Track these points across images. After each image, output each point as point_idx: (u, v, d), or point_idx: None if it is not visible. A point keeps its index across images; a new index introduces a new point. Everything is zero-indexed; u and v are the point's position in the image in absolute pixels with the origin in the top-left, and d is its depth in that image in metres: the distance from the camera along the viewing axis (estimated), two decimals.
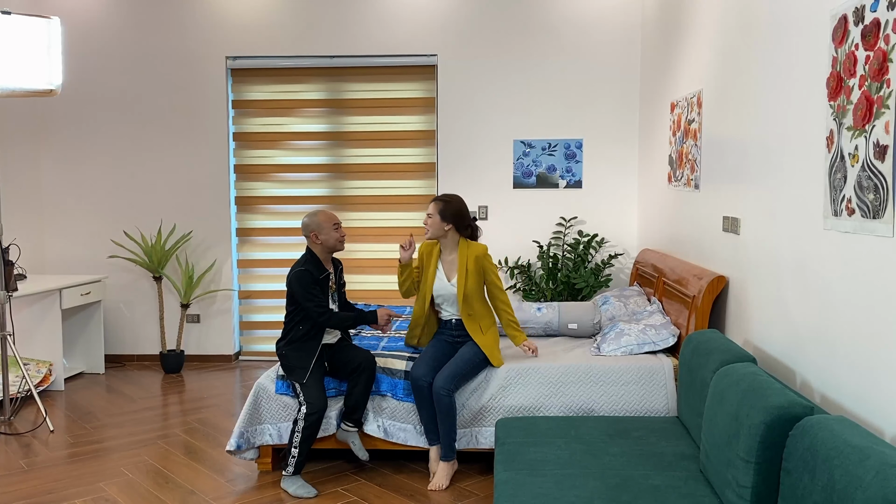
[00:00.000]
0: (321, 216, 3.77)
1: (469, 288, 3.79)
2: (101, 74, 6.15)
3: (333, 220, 3.77)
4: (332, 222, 3.76)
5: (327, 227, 3.75)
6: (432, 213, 3.82)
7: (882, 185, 2.20)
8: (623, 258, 6.01)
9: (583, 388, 3.78)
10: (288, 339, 3.75)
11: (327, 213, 3.79)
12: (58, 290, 5.35)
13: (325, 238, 3.75)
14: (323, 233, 3.75)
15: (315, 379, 3.68)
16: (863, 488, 1.70)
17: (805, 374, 2.78)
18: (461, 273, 3.80)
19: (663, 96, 5.12)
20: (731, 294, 3.68)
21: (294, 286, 3.68)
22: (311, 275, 3.69)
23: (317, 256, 3.77)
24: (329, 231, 3.75)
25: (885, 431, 2.23)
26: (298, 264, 3.73)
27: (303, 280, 3.66)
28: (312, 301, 3.65)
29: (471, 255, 3.81)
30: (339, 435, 3.84)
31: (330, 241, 3.76)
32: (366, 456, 3.79)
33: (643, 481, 2.66)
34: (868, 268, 2.32)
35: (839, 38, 2.50)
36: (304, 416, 3.58)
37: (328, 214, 3.77)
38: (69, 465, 4.00)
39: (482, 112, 6.01)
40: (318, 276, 3.72)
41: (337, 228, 3.77)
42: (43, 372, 5.28)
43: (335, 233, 3.76)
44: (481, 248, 3.84)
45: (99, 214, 6.24)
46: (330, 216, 3.77)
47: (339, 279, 3.90)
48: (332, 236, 3.76)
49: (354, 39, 6.01)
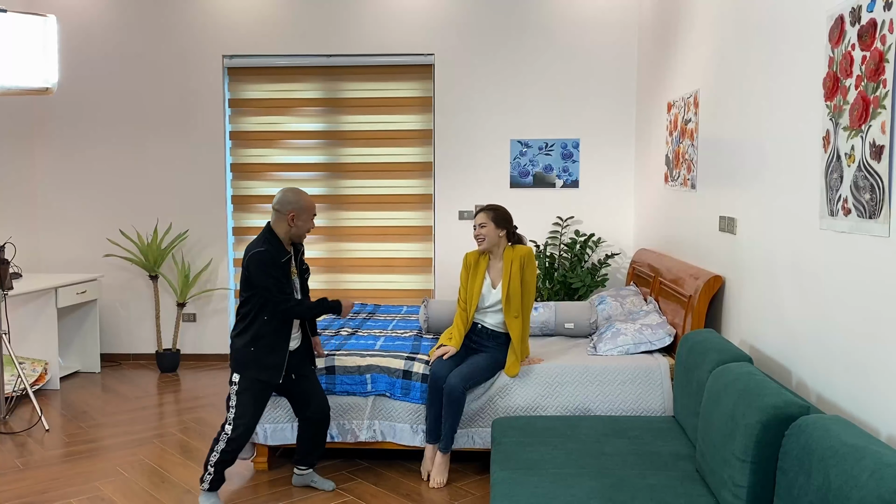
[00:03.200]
0: (306, 199, 3.41)
1: (513, 291, 3.79)
2: (97, 73, 6.13)
3: (314, 209, 3.46)
4: (312, 211, 3.44)
5: (307, 215, 3.42)
6: (485, 222, 3.80)
7: (878, 185, 2.21)
8: (619, 258, 6.01)
9: (579, 387, 3.79)
10: (253, 333, 3.32)
11: (310, 198, 3.45)
12: (53, 289, 5.34)
13: (300, 224, 3.39)
14: (301, 218, 3.39)
15: (260, 396, 3.36)
16: (858, 488, 1.70)
17: (801, 374, 2.79)
18: (505, 277, 3.81)
19: (660, 96, 5.13)
20: (727, 294, 3.68)
21: (253, 269, 3.26)
22: (273, 257, 3.29)
23: (277, 238, 3.37)
24: (307, 219, 3.42)
25: (881, 431, 2.23)
26: (257, 244, 3.32)
27: (265, 262, 3.25)
28: (276, 286, 3.26)
29: (516, 257, 3.81)
30: (294, 481, 3.66)
31: (303, 229, 3.41)
32: (332, 486, 3.64)
33: (639, 481, 2.66)
34: (864, 268, 2.33)
35: (836, 39, 2.50)
36: (228, 438, 3.31)
37: (311, 201, 3.45)
38: (65, 465, 3.99)
39: (479, 111, 6.01)
40: (279, 258, 3.33)
41: (313, 219, 3.46)
42: (38, 371, 5.27)
43: (311, 222, 3.44)
44: (526, 249, 3.85)
45: (95, 213, 6.22)
46: (312, 203, 3.45)
47: (301, 263, 3.57)
48: (307, 225, 3.42)
49: (351, 38, 6.00)
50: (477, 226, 3.83)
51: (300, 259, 3.56)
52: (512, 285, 3.79)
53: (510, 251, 3.85)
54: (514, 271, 3.80)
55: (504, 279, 3.81)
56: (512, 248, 3.86)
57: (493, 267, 3.89)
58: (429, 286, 6.18)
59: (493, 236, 3.82)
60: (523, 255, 3.82)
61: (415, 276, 6.20)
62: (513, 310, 3.79)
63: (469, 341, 3.93)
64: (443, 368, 3.73)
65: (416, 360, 3.89)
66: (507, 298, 3.79)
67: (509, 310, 3.79)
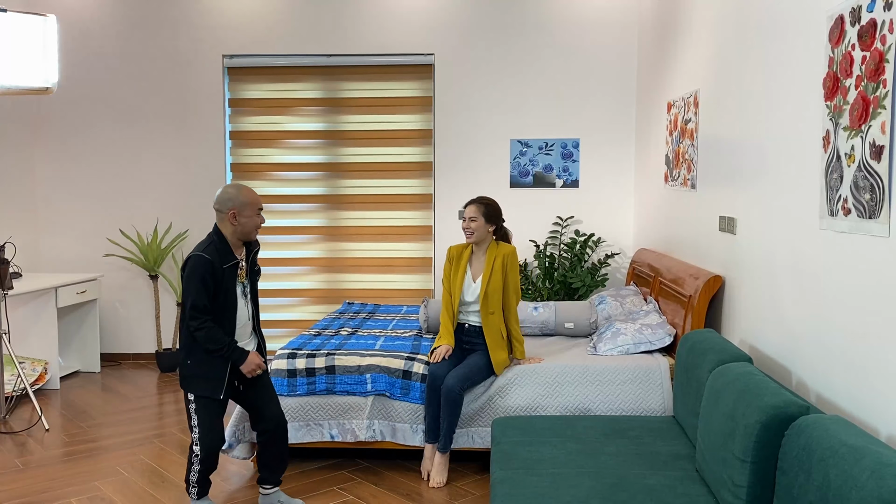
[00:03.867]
0: (246, 193, 3.14)
1: (492, 287, 3.79)
2: (97, 72, 6.13)
3: (258, 202, 3.18)
4: (257, 205, 3.17)
5: (250, 210, 3.15)
6: (475, 216, 3.80)
7: (878, 185, 2.21)
8: (619, 258, 6.01)
9: (579, 387, 3.78)
10: (187, 345, 3.15)
11: (252, 192, 3.17)
12: (53, 289, 5.34)
13: (244, 221, 3.13)
14: (244, 214, 3.14)
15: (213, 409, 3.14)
16: (858, 488, 1.70)
17: (801, 374, 2.79)
18: (486, 271, 3.81)
19: (660, 96, 5.13)
20: (727, 294, 3.68)
21: (184, 275, 3.08)
22: (210, 265, 3.04)
23: (225, 240, 3.14)
24: (251, 215, 3.15)
25: (881, 431, 2.23)
26: (198, 248, 3.09)
27: (195, 270, 3.03)
28: (195, 297, 3.03)
29: (499, 255, 3.82)
30: (261, 501, 3.38)
31: (248, 226, 3.15)
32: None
33: (639, 481, 2.66)
34: (864, 268, 2.33)
35: (836, 39, 2.50)
36: (199, 459, 3.12)
37: (253, 194, 3.17)
38: (64, 464, 3.99)
39: (479, 111, 6.01)
40: (220, 265, 3.08)
41: (259, 213, 3.18)
42: (38, 370, 5.27)
43: (257, 218, 3.17)
44: (510, 248, 3.85)
45: (95, 213, 6.22)
46: (255, 197, 3.17)
47: (253, 264, 3.29)
48: (254, 221, 3.16)
49: (351, 38, 6.00)
50: (467, 218, 3.82)
51: (252, 259, 3.29)
52: (492, 281, 3.79)
53: (494, 247, 3.85)
54: (496, 268, 3.80)
55: (485, 274, 3.81)
56: (497, 244, 3.86)
57: (476, 261, 3.90)
58: (428, 286, 6.18)
59: (482, 231, 3.82)
60: (506, 255, 3.82)
61: (414, 275, 6.20)
62: (490, 305, 3.79)
63: (462, 343, 3.94)
64: (440, 368, 3.74)
65: (416, 360, 3.89)
66: (486, 294, 3.79)
67: (486, 305, 3.80)
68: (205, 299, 3.05)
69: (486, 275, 3.81)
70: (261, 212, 3.20)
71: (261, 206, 3.21)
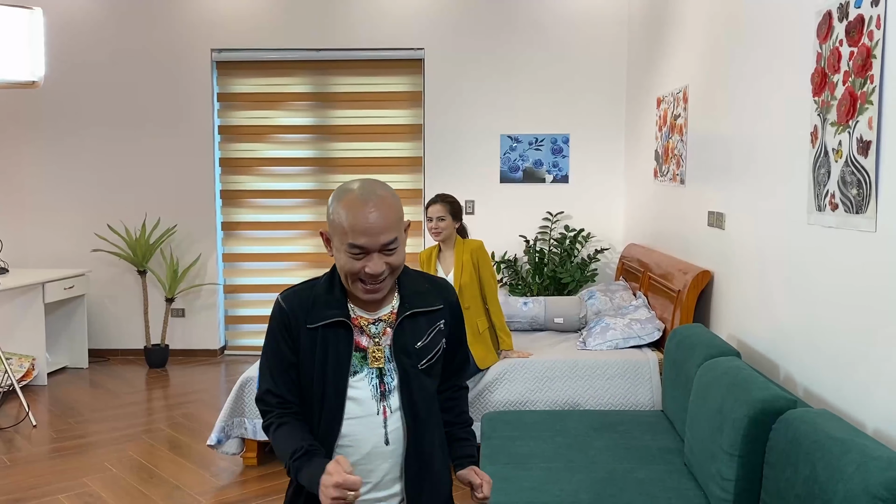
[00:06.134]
0: (347, 203, 1.60)
1: (464, 281, 3.79)
2: (84, 66, 6.08)
3: (361, 226, 1.58)
4: (357, 232, 1.58)
5: (340, 239, 1.61)
6: (444, 215, 3.80)
7: (865, 180, 2.22)
8: (609, 253, 6.03)
9: (568, 382, 3.80)
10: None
11: (357, 202, 1.59)
12: (41, 284, 5.30)
13: (337, 256, 1.65)
14: (334, 243, 1.65)
15: None
16: (844, 481, 1.71)
17: (788, 368, 2.81)
18: (457, 266, 3.82)
19: (649, 92, 5.14)
20: (715, 288, 3.70)
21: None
22: (286, 318, 1.68)
23: (337, 279, 1.71)
24: (341, 249, 1.62)
25: (867, 425, 2.25)
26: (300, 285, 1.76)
27: (271, 321, 1.73)
28: (264, 365, 1.73)
29: (466, 250, 3.82)
30: None
31: (343, 267, 1.63)
32: None
33: (628, 475, 2.67)
34: (851, 262, 2.34)
35: (824, 34, 2.51)
36: None
37: (355, 210, 1.58)
38: (52, 461, 3.97)
39: (469, 106, 6.00)
40: (304, 320, 1.68)
41: (359, 255, 1.60)
42: (25, 367, 5.23)
43: (354, 261, 1.61)
44: (477, 242, 3.86)
45: (82, 208, 6.18)
46: (356, 215, 1.58)
47: (417, 336, 1.71)
48: (350, 265, 1.61)
49: (341, 32, 5.98)
50: (434, 218, 3.82)
51: (413, 327, 1.71)
52: (464, 276, 3.80)
53: (461, 244, 3.87)
54: (466, 262, 3.82)
55: (455, 270, 3.83)
56: (462, 241, 3.88)
57: (445, 258, 3.92)
58: None
59: (450, 229, 3.85)
60: (474, 249, 3.84)
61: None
62: (464, 301, 3.80)
63: None
64: None
65: None
66: (459, 289, 3.80)
67: (462, 300, 3.80)
68: (271, 377, 1.70)
69: (456, 270, 3.82)
70: (373, 253, 1.59)
71: (366, 238, 1.57)
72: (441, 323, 1.75)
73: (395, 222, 1.61)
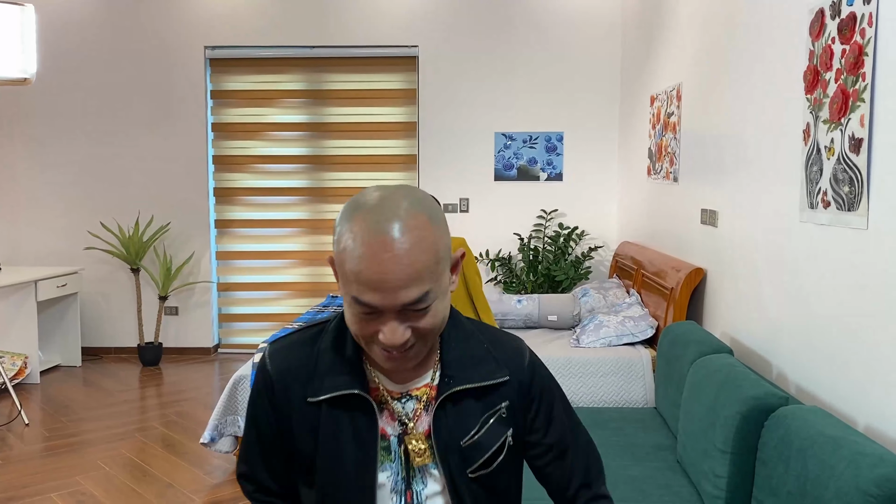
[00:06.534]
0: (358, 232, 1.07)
1: None
2: (76, 63, 6.05)
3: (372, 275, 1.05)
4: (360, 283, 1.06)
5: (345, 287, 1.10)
6: None
7: (857, 177, 2.23)
8: (603, 251, 6.04)
9: (562, 379, 3.80)
10: None
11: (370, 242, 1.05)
12: (33, 282, 5.28)
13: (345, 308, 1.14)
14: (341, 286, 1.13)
15: None
16: (835, 477, 1.72)
17: (781, 365, 2.81)
18: None
19: (643, 89, 5.14)
20: (708, 286, 3.71)
21: None
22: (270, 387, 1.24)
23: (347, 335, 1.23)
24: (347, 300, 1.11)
25: (859, 421, 2.25)
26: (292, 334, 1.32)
27: (254, 382, 1.27)
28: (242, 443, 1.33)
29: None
30: None
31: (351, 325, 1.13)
32: None
33: (621, 472, 2.67)
34: (843, 260, 2.35)
35: (816, 32, 2.51)
36: None
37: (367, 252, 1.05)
38: (45, 459, 3.96)
39: (463, 104, 6.00)
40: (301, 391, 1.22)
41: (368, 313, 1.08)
42: (18, 365, 5.21)
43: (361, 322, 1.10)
44: (459, 240, 3.85)
45: (75, 205, 6.16)
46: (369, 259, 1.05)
47: (465, 426, 1.20)
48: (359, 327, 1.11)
49: (335, 30, 5.97)
50: None
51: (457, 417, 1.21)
52: None
53: None
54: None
55: None
56: None
57: None
58: None
59: None
60: (456, 247, 3.81)
61: None
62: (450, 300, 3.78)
63: None
64: None
65: None
66: None
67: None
68: (248, 458, 1.32)
69: None
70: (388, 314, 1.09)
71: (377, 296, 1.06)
72: (503, 406, 1.19)
73: (428, 268, 1.03)
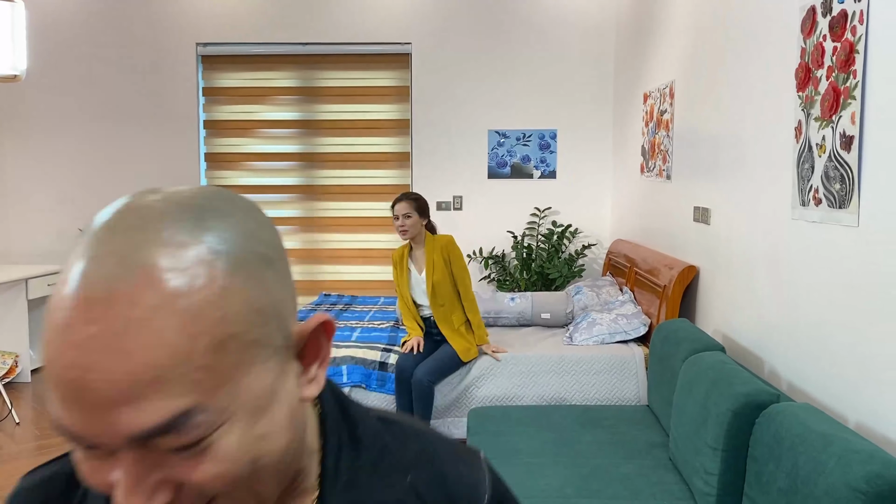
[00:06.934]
0: (50, 302, 0.52)
1: (437, 278, 3.78)
2: (68, 61, 6.02)
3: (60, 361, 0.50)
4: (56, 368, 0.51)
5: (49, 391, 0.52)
6: (410, 212, 3.75)
7: (848, 175, 2.23)
8: (596, 248, 6.04)
9: (555, 377, 3.80)
10: None
11: (63, 310, 0.50)
12: (24, 280, 5.25)
13: None
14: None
15: None
16: (826, 474, 1.72)
17: (772, 363, 2.82)
18: (429, 265, 3.80)
19: (636, 87, 5.14)
20: (701, 284, 3.71)
21: None
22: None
23: None
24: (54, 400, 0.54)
25: (849, 418, 2.26)
26: None
27: None
28: None
29: (436, 247, 3.81)
30: None
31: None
32: None
33: (614, 469, 2.68)
34: (834, 257, 2.35)
35: (807, 30, 2.52)
36: None
37: (58, 328, 0.50)
38: (36, 458, 3.94)
39: (456, 102, 5.99)
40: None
41: (92, 457, 0.54)
42: (8, 363, 5.19)
43: (92, 471, 0.54)
44: (446, 238, 3.84)
45: (66, 203, 6.13)
46: (58, 342, 0.50)
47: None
48: (87, 475, 0.55)
49: (327, 26, 5.95)
50: (400, 216, 3.74)
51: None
52: (436, 273, 3.78)
53: (431, 240, 3.84)
54: (437, 259, 3.80)
55: (427, 268, 3.81)
56: (433, 237, 3.85)
57: (416, 257, 3.90)
58: None
59: (417, 226, 3.79)
60: (444, 245, 3.81)
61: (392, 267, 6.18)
62: (438, 298, 3.79)
63: (433, 335, 3.94)
64: (406, 360, 3.73)
65: (393, 351, 3.88)
66: (432, 288, 3.78)
67: (435, 298, 3.79)
68: None
69: (428, 269, 3.80)
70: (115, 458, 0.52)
71: (76, 418, 0.51)
72: None
73: (190, 361, 0.50)
